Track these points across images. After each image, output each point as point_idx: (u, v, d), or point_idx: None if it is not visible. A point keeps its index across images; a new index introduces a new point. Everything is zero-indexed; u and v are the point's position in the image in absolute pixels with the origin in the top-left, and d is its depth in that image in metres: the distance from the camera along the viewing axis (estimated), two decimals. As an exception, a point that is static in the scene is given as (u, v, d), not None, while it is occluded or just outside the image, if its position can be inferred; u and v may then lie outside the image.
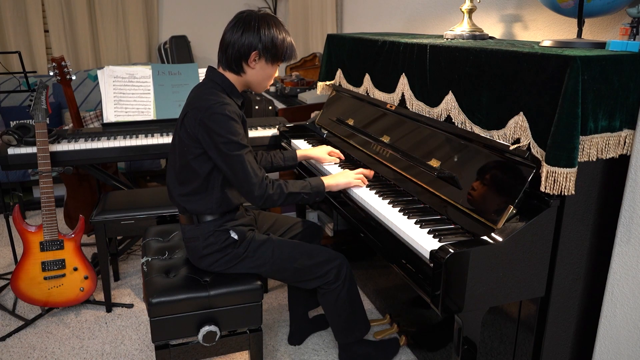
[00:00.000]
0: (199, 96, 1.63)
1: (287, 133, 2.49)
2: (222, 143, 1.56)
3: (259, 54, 1.62)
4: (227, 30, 1.64)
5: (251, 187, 1.60)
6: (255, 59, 1.63)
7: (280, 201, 1.65)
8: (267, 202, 1.63)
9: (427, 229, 1.39)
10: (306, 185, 1.71)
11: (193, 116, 1.59)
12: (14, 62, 3.87)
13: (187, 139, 1.62)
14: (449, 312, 1.23)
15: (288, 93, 3.43)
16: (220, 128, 1.56)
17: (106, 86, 2.56)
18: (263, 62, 1.64)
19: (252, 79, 1.67)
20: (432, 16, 2.51)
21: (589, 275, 1.38)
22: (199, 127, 1.58)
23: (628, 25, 1.38)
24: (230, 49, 1.62)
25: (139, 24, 4.27)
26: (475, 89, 1.49)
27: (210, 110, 1.56)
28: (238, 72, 1.65)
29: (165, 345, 1.67)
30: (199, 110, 1.58)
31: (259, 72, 1.66)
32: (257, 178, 1.60)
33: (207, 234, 1.69)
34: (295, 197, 1.68)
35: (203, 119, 1.57)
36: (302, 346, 2.14)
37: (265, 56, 1.63)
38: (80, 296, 2.29)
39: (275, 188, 1.64)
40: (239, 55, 1.62)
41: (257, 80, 1.68)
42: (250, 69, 1.64)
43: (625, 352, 1.34)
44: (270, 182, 1.64)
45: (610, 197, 1.33)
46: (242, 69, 1.64)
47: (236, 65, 1.64)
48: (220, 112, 1.56)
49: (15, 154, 2.29)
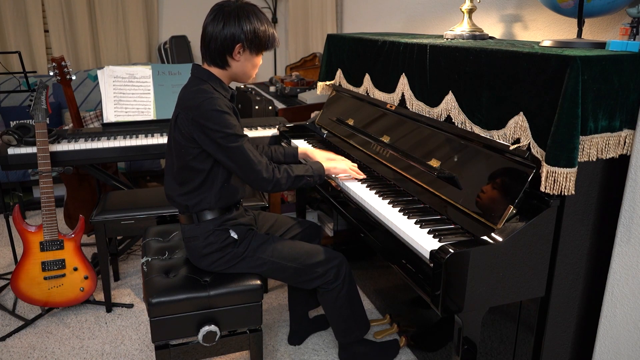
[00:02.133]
0: (187, 96, 1.63)
1: (287, 133, 2.49)
2: (219, 138, 1.57)
3: (242, 46, 1.61)
4: (207, 23, 1.62)
5: (257, 173, 1.61)
6: (239, 52, 1.61)
7: (288, 184, 1.68)
8: (276, 185, 1.65)
9: (427, 229, 1.39)
10: (308, 169, 1.75)
11: (185, 116, 1.59)
12: (14, 62, 3.87)
13: (183, 140, 1.62)
14: (449, 312, 1.23)
15: (288, 93, 3.43)
16: (214, 124, 1.56)
17: (106, 86, 2.56)
18: (247, 53, 1.63)
19: (237, 70, 1.66)
20: (432, 16, 2.51)
21: (589, 275, 1.38)
22: (192, 126, 1.58)
23: (628, 25, 1.38)
24: (213, 44, 1.60)
25: (139, 24, 4.27)
26: (475, 89, 1.49)
27: (201, 108, 1.56)
28: (223, 66, 1.64)
29: (165, 345, 1.67)
30: (190, 109, 1.58)
31: (244, 64, 1.65)
32: (261, 164, 1.62)
33: (207, 233, 1.69)
34: (300, 180, 1.72)
35: (195, 118, 1.57)
36: (302, 346, 2.14)
37: (250, 47, 1.62)
38: (80, 296, 2.29)
39: (282, 172, 1.67)
40: (222, 49, 1.60)
41: (243, 71, 1.67)
42: (235, 61, 1.63)
43: (625, 352, 1.34)
44: (276, 166, 1.66)
45: (610, 197, 1.33)
46: (227, 62, 1.63)
47: (220, 60, 1.63)
48: (211, 108, 1.56)
49: (15, 154, 2.29)
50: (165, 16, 4.44)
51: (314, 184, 1.79)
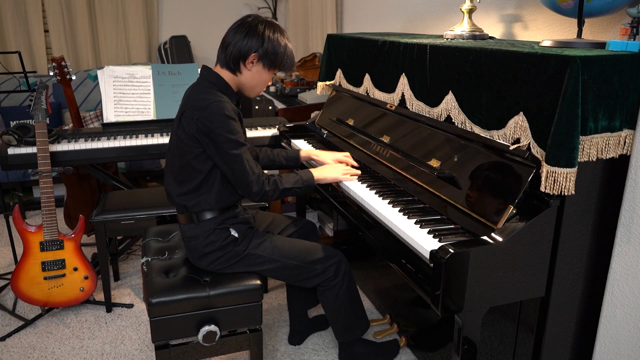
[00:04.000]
0: (195, 95, 1.64)
1: (287, 133, 2.49)
2: (221, 142, 1.58)
3: (258, 56, 1.64)
4: (230, 29, 1.67)
5: (249, 184, 1.63)
6: (253, 61, 1.65)
7: (275, 197, 1.70)
8: (263, 198, 1.68)
9: (427, 229, 1.39)
10: (298, 180, 1.76)
11: (190, 115, 1.60)
12: (14, 62, 3.87)
13: (186, 138, 1.62)
14: (449, 312, 1.23)
15: (288, 93, 3.43)
16: (219, 127, 1.57)
17: (106, 86, 2.56)
18: (260, 66, 1.67)
19: (246, 80, 1.69)
20: (432, 16, 2.51)
21: (589, 275, 1.38)
22: (196, 126, 1.59)
23: (628, 25, 1.38)
24: (231, 48, 1.64)
25: (139, 24, 4.27)
26: (475, 89, 1.49)
27: (207, 110, 1.58)
28: (234, 71, 1.67)
29: (165, 345, 1.67)
30: (196, 109, 1.59)
31: (254, 76, 1.68)
32: (254, 175, 1.64)
33: (208, 232, 1.70)
34: (288, 192, 1.74)
35: (201, 118, 1.58)
36: (302, 346, 2.14)
37: (264, 61, 1.66)
38: (80, 296, 2.29)
39: (271, 184, 1.69)
40: (238, 54, 1.64)
41: (251, 83, 1.70)
42: (247, 70, 1.66)
43: (625, 352, 1.34)
44: (267, 179, 1.68)
45: (610, 197, 1.33)
46: (239, 68, 1.66)
47: (234, 64, 1.66)
48: (218, 112, 1.57)
49: (15, 154, 2.29)
50: (165, 16, 4.44)
51: (302, 194, 1.84)
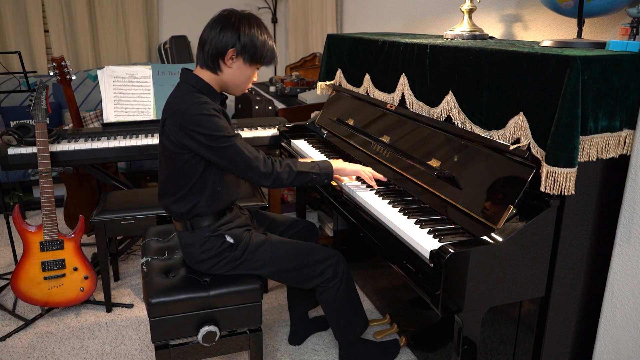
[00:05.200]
0: (174, 101, 1.59)
1: (287, 133, 2.49)
2: (210, 141, 1.53)
3: (236, 52, 1.57)
4: (206, 27, 1.60)
5: (255, 169, 1.57)
6: (232, 57, 1.58)
7: (290, 180, 1.62)
8: (277, 180, 1.61)
9: (427, 229, 1.39)
10: (314, 166, 1.69)
11: (172, 122, 1.56)
12: (14, 62, 3.87)
13: (172, 146, 1.58)
14: (449, 312, 1.23)
15: (288, 93, 3.43)
16: (202, 128, 1.52)
17: (106, 86, 2.56)
18: (241, 61, 1.59)
19: (228, 78, 1.62)
20: (432, 16, 2.51)
21: (589, 275, 1.38)
22: (181, 132, 1.54)
23: (628, 25, 1.38)
24: (207, 46, 1.58)
25: (139, 24, 4.27)
26: (475, 89, 1.49)
27: (187, 113, 1.53)
28: (215, 70, 1.60)
29: (165, 346, 1.67)
30: (177, 114, 1.55)
31: (235, 73, 1.61)
32: (258, 159, 1.58)
33: (203, 240, 1.67)
34: (304, 176, 1.66)
35: (183, 124, 1.53)
36: (302, 346, 2.14)
37: (243, 56, 1.58)
38: (80, 296, 2.29)
39: (284, 166, 1.62)
40: (215, 52, 1.57)
41: (234, 81, 1.63)
42: (227, 67, 1.60)
43: (625, 352, 1.34)
44: (277, 160, 1.61)
45: (610, 197, 1.33)
46: (219, 66, 1.59)
47: (213, 63, 1.59)
48: (198, 113, 1.53)
49: (15, 154, 2.29)
50: (165, 16, 4.44)
51: (320, 182, 1.72)
